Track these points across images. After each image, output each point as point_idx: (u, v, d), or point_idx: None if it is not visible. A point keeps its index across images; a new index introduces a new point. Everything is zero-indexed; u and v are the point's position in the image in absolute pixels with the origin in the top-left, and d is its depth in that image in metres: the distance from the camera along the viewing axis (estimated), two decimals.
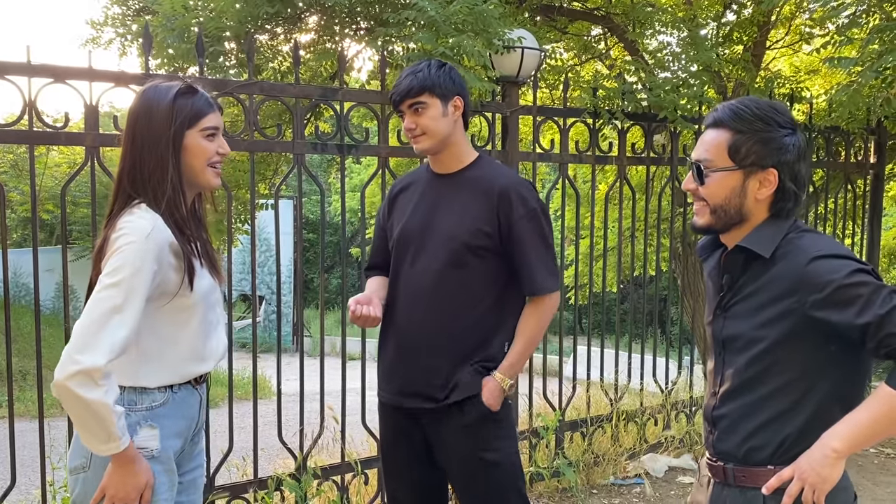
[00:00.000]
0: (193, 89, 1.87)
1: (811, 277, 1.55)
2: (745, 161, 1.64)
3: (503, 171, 2.40)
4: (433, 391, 2.31)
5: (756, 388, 1.66)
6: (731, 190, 1.66)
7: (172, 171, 1.82)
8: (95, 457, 1.79)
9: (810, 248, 1.60)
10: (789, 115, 1.67)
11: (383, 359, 2.45)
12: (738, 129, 1.64)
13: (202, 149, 1.85)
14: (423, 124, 2.28)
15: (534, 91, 4.18)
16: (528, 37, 3.99)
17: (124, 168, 1.84)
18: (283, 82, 4.20)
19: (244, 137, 3.37)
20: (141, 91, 1.87)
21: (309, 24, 4.07)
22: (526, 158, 4.21)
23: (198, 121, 1.84)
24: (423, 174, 2.46)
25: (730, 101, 1.72)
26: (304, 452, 3.58)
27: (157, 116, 1.81)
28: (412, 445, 2.42)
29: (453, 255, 2.29)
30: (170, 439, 1.87)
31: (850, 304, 1.51)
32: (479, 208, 2.30)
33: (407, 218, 2.40)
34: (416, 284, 2.34)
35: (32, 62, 2.91)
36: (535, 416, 4.26)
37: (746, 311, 1.68)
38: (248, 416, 3.65)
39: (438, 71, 2.29)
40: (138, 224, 1.75)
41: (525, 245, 2.29)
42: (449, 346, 2.31)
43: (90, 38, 5.73)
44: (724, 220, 1.69)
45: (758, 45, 6.22)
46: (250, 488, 3.48)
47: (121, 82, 3.10)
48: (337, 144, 3.54)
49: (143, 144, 1.81)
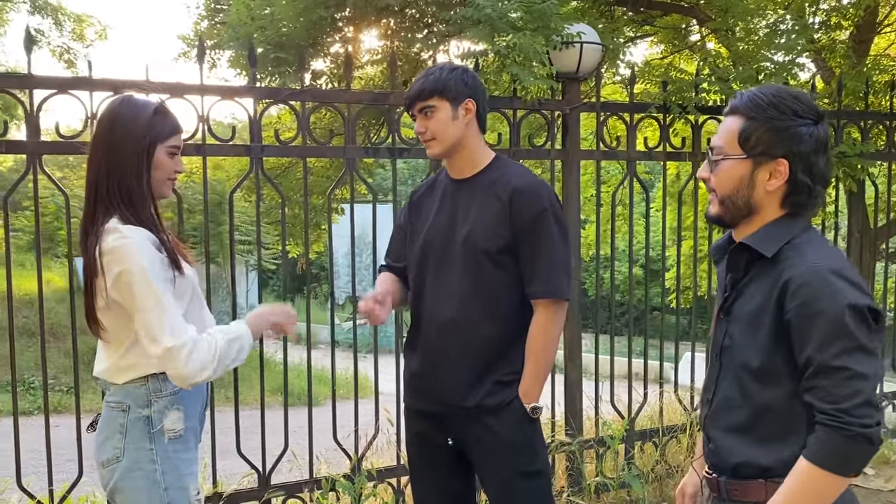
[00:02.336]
0: (166, 109, 2.04)
1: (802, 289, 1.44)
2: (754, 150, 1.54)
3: (517, 172, 2.33)
4: (459, 399, 2.27)
5: (746, 403, 1.54)
6: (738, 180, 1.56)
7: (146, 178, 1.95)
8: (128, 445, 1.93)
9: (810, 258, 1.48)
10: (811, 105, 1.55)
11: (409, 366, 2.43)
12: (751, 116, 1.54)
13: (165, 163, 2.00)
14: (432, 128, 2.24)
15: (597, 87, 4.04)
16: (589, 31, 3.85)
17: (98, 174, 1.94)
18: (337, 88, 4.25)
19: (296, 144, 3.43)
20: (117, 102, 2.00)
21: (363, 29, 4.11)
22: (589, 157, 4.08)
23: (167, 138, 1.99)
24: (442, 179, 2.43)
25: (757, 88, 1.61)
26: (358, 454, 3.61)
27: (134, 130, 1.94)
28: (438, 452, 2.39)
29: (473, 262, 2.25)
30: (192, 420, 2.03)
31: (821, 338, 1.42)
32: (495, 212, 2.24)
33: (429, 226, 2.36)
34: (439, 294, 2.30)
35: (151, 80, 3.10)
36: (602, 425, 4.11)
37: (744, 316, 1.57)
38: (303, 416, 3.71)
39: (451, 74, 2.24)
40: (130, 248, 1.86)
41: (531, 244, 2.22)
42: (473, 355, 2.26)
43: (182, 53, 6.05)
44: (733, 211, 1.60)
45: (863, 28, 5.75)
46: (305, 488, 3.54)
47: (227, 95, 3.28)
48: (388, 148, 3.55)
49: (119, 154, 1.94)
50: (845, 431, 1.39)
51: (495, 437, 2.25)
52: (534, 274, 2.22)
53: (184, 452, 2.00)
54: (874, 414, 1.41)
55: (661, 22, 6.56)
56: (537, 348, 2.24)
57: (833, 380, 1.40)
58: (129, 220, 1.90)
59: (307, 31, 3.83)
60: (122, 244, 1.86)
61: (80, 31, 15.00)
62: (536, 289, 2.23)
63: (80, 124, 3.08)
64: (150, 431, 1.94)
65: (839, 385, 1.40)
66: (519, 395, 2.25)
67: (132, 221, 1.90)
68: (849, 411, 1.39)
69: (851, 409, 1.39)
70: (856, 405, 1.39)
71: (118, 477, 1.94)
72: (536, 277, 2.22)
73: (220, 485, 3.42)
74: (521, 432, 2.26)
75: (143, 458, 1.93)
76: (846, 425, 1.39)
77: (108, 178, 1.92)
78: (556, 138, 3.89)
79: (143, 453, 1.93)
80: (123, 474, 1.94)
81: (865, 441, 1.39)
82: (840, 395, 1.40)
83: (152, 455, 1.93)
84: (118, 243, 1.86)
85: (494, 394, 2.25)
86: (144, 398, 1.94)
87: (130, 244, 1.86)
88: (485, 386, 2.24)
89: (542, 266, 2.22)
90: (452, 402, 2.28)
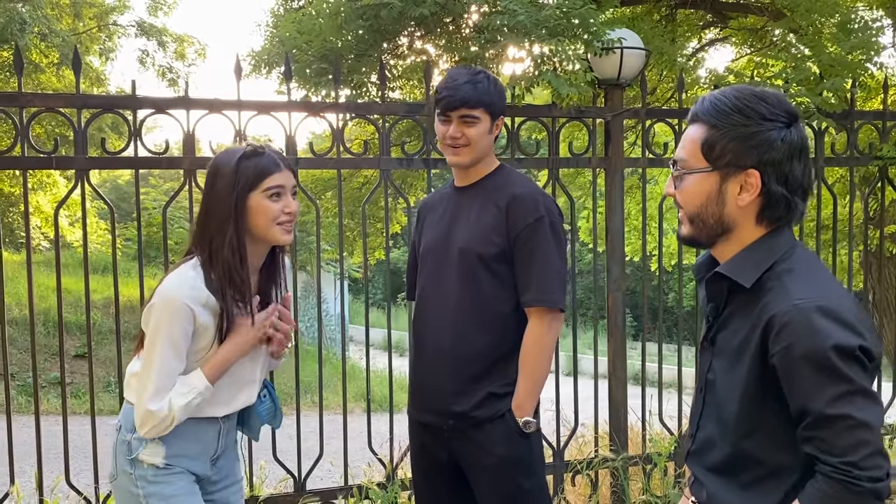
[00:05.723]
0: (259, 151, 1.95)
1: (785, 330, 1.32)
2: (720, 161, 1.40)
3: (519, 180, 2.31)
4: (450, 406, 2.25)
5: (726, 446, 1.44)
6: (706, 196, 1.42)
7: (232, 234, 1.91)
8: (118, 465, 2.00)
9: (795, 293, 1.33)
10: (782, 106, 1.40)
11: (411, 377, 2.43)
12: (713, 124, 1.40)
13: (265, 209, 1.93)
14: (470, 136, 2.21)
15: (643, 93, 3.92)
16: (631, 36, 3.75)
17: (195, 226, 2.03)
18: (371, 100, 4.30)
19: (332, 156, 3.50)
20: (220, 153, 2.03)
21: (401, 41, 4.15)
22: (634, 164, 3.96)
23: (260, 182, 1.92)
24: (447, 190, 2.43)
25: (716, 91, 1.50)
26: (393, 463, 3.62)
27: (222, 181, 1.94)
28: (438, 463, 2.38)
29: (467, 267, 2.23)
30: (181, 459, 2.00)
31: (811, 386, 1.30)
32: (492, 218, 2.23)
33: (430, 234, 2.37)
34: (436, 301, 2.31)
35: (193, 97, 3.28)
36: (648, 441, 3.97)
37: (728, 351, 1.45)
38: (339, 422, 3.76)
39: (495, 88, 2.25)
40: (170, 286, 1.92)
41: (526, 253, 2.18)
42: (466, 362, 2.24)
43: (252, 69, 6.26)
44: (705, 231, 1.45)
45: None
46: (340, 494, 3.59)
47: (263, 110, 3.37)
48: (423, 159, 3.57)
49: (210, 206, 1.96)
50: (854, 487, 1.26)
51: (487, 452, 2.22)
52: (528, 282, 2.19)
53: (169, 479, 1.97)
54: (884, 464, 1.28)
55: (734, 24, 6.31)
56: (530, 359, 2.20)
57: (835, 429, 1.28)
58: (209, 267, 1.93)
59: (350, 45, 3.91)
60: (162, 299, 1.91)
61: (182, 50, 15.82)
62: (530, 297, 2.19)
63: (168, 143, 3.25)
64: (128, 457, 1.97)
65: (842, 435, 1.27)
66: (511, 409, 2.21)
67: (209, 268, 1.93)
68: (857, 464, 1.26)
69: (860, 462, 1.26)
70: (864, 457, 1.27)
71: (117, 495, 2.05)
72: (530, 286, 2.19)
73: (257, 488, 3.51)
74: (513, 447, 2.21)
75: (128, 482, 1.98)
76: (855, 480, 1.26)
77: (205, 225, 1.96)
78: (596, 146, 3.80)
79: (126, 478, 1.99)
80: (119, 494, 2.03)
81: (874, 496, 1.27)
82: (845, 445, 1.27)
83: (133, 479, 1.97)
84: (160, 297, 1.91)
85: (486, 406, 2.22)
86: (132, 423, 1.96)
87: (170, 302, 1.90)
88: (477, 396, 2.21)
89: (536, 274, 2.18)
90: (445, 411, 2.26)
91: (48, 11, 13.13)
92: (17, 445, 3.32)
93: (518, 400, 2.21)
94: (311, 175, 7.46)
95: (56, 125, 11.56)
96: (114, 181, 24.15)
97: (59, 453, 3.29)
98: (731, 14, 6.17)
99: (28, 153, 3.14)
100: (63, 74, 13.97)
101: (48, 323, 10.27)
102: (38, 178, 14.50)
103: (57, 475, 3.29)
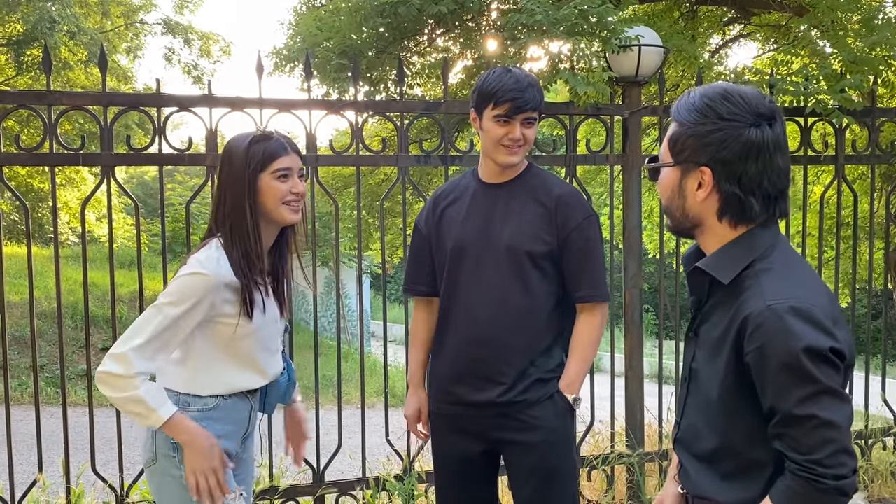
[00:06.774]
0: (267, 136, 2.06)
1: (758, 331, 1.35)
2: (680, 157, 1.45)
3: (555, 179, 2.43)
4: (499, 396, 2.31)
5: (709, 434, 1.48)
6: (671, 189, 1.48)
7: (249, 213, 2.01)
8: (158, 450, 2.05)
9: (769, 293, 1.36)
10: (748, 106, 1.40)
11: (438, 371, 2.45)
12: (680, 121, 1.45)
13: (274, 189, 2.02)
14: (529, 137, 2.31)
15: (661, 90, 3.93)
16: (648, 34, 3.76)
17: (213, 207, 2.11)
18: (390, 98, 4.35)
19: (350, 153, 3.55)
20: (232, 137, 2.10)
21: (421, 38, 4.18)
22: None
23: (269, 164, 2.01)
24: (468, 184, 2.45)
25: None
26: (410, 456, 3.67)
27: (236, 163, 2.03)
28: (466, 459, 2.43)
29: (515, 264, 2.31)
30: (220, 440, 2.06)
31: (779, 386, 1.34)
32: (537, 216, 2.31)
33: (460, 228, 2.39)
34: (477, 295, 2.34)
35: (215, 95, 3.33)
36: (665, 437, 3.98)
37: (709, 344, 1.49)
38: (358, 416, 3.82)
39: (540, 92, 2.35)
40: (199, 260, 1.98)
41: (583, 251, 2.31)
42: (515, 352, 2.31)
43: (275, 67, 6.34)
44: (675, 223, 1.53)
45: None
46: (358, 486, 3.64)
47: (283, 108, 3.44)
48: (440, 156, 3.60)
49: (226, 188, 2.05)
50: (819, 484, 1.31)
51: (535, 430, 2.31)
52: (582, 278, 2.31)
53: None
54: (849, 462, 1.32)
55: (756, 20, 6.27)
56: (584, 345, 2.33)
57: (802, 429, 1.32)
58: (230, 246, 2.00)
59: (370, 42, 3.95)
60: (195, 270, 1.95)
61: (207, 48, 16.01)
62: (585, 293, 2.32)
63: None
64: (172, 441, 2.01)
65: (808, 434, 1.31)
66: (560, 389, 2.32)
67: (231, 248, 2.00)
68: (822, 462, 1.30)
69: (824, 460, 1.30)
70: (829, 455, 1.30)
71: (153, 479, 2.10)
72: (585, 282, 2.31)
73: (277, 479, 3.58)
74: (561, 422, 2.33)
75: (170, 465, 2.04)
76: (820, 478, 1.31)
77: (222, 205, 2.05)
78: (614, 144, 3.82)
79: (169, 461, 2.04)
80: (158, 478, 2.08)
81: (838, 493, 1.31)
82: (811, 444, 1.31)
83: (176, 462, 2.02)
84: (185, 273, 1.96)
85: (534, 389, 2.31)
86: None
87: (203, 276, 1.94)
88: (524, 383, 2.30)
89: (589, 271, 2.31)
90: (490, 401, 2.31)
91: (77, 10, 13.36)
92: (46, 435, 3.41)
93: (568, 378, 2.32)
94: (332, 171, 7.54)
95: (84, 122, 11.76)
96: (140, 177, 24.49)
97: (86, 443, 3.38)
98: (753, 10, 6.14)
99: (56, 150, 3.23)
100: (91, 71, 14.21)
101: (76, 316, 10.49)
102: (66, 175, 14.76)
103: (83, 464, 3.38)
